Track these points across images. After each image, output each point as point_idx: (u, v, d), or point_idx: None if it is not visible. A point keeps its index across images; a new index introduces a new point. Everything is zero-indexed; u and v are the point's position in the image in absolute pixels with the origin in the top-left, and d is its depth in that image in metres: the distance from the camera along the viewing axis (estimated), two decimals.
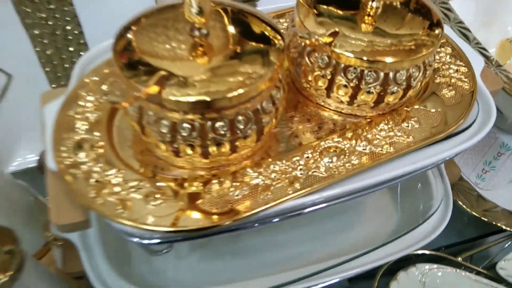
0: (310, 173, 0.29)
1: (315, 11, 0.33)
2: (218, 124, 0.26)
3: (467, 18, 0.52)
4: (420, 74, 0.32)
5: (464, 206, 0.46)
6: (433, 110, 0.34)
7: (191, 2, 0.25)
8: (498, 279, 0.42)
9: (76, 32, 0.48)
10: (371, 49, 0.30)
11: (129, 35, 0.28)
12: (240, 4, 0.32)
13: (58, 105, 0.32)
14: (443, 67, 0.37)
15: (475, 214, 0.45)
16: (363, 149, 0.31)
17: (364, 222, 0.45)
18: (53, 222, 0.28)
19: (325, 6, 0.33)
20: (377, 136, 0.32)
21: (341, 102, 0.33)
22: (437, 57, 0.38)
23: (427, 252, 0.43)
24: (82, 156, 0.29)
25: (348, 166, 0.30)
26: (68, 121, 0.31)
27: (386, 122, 0.33)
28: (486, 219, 0.45)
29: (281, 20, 0.41)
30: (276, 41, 0.29)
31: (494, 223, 0.45)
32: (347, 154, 0.31)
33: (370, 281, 0.42)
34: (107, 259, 0.37)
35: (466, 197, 0.47)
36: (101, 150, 0.30)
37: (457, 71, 0.37)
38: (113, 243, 0.38)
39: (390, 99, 0.32)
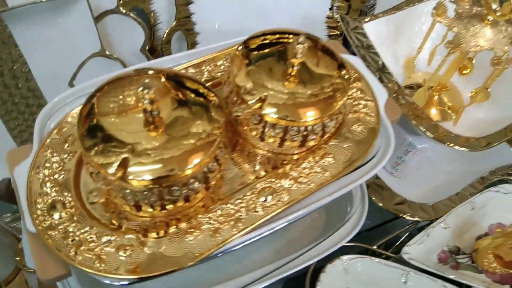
0: (250, 213, 0.37)
1: (247, 69, 0.39)
2: (173, 188, 0.33)
3: (380, 37, 0.60)
4: (333, 122, 0.40)
5: (377, 202, 0.56)
6: (345, 146, 0.42)
7: (144, 96, 0.31)
8: (404, 261, 0.53)
9: (23, 70, 0.51)
10: (293, 109, 0.37)
11: (89, 118, 0.33)
12: (177, 71, 0.37)
13: (26, 167, 0.37)
14: (354, 102, 0.45)
15: (387, 208, 0.56)
16: (290, 187, 0.39)
17: (297, 226, 0.54)
18: (39, 277, 0.33)
19: (255, 66, 0.40)
20: (301, 174, 0.39)
21: (272, 146, 0.40)
22: (349, 92, 0.46)
23: (349, 244, 0.53)
24: (56, 217, 0.34)
25: (279, 203, 0.37)
26: (39, 184, 0.36)
27: (309, 160, 0.40)
28: (395, 212, 0.56)
29: (219, 63, 0.46)
30: (215, 111, 0.35)
31: (401, 215, 0.55)
32: (278, 192, 0.38)
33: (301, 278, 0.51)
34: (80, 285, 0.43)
35: (380, 193, 0.57)
36: (72, 210, 0.35)
37: (365, 106, 0.45)
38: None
39: (310, 143, 0.40)
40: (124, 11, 0.51)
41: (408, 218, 0.56)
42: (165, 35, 0.57)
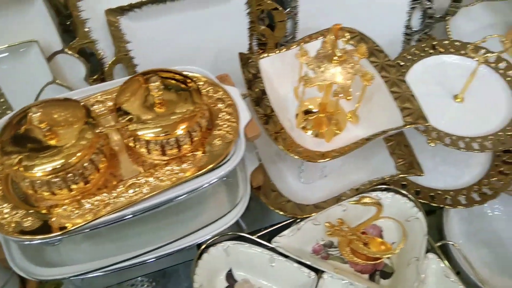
0: (117, 200, 0.53)
1: (128, 98, 0.56)
2: (54, 180, 0.49)
3: (278, 69, 0.74)
4: (187, 138, 0.55)
5: (264, 202, 0.70)
6: (204, 155, 0.57)
7: (34, 120, 0.48)
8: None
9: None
10: (151, 127, 0.53)
11: (11, 128, 0.51)
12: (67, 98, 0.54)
13: None
14: (221, 123, 0.60)
15: (270, 206, 0.70)
16: (153, 183, 0.54)
17: (197, 215, 0.68)
18: None
19: (134, 96, 0.56)
20: (163, 175, 0.55)
21: (144, 153, 0.56)
22: (220, 115, 0.61)
23: (238, 234, 0.67)
24: None
25: (140, 194, 0.53)
26: None
27: (172, 165, 0.56)
28: (275, 209, 0.70)
29: None
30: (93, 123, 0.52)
31: (280, 212, 0.69)
32: (142, 186, 0.54)
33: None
34: (20, 249, 0.60)
35: (268, 195, 0.71)
36: (1, 193, 0.53)
37: (229, 126, 0.60)
38: None
39: (171, 152, 0.55)
40: (69, 52, 0.69)
41: (284, 214, 0.69)
42: (107, 67, 0.75)
